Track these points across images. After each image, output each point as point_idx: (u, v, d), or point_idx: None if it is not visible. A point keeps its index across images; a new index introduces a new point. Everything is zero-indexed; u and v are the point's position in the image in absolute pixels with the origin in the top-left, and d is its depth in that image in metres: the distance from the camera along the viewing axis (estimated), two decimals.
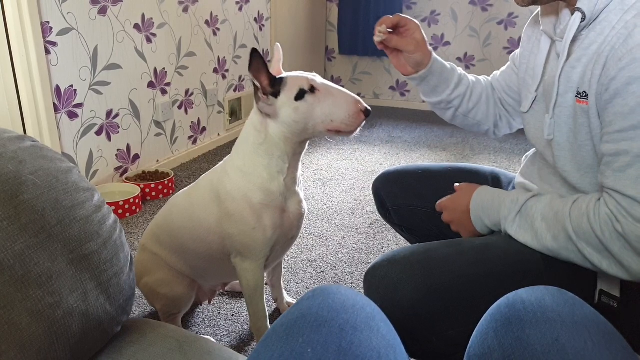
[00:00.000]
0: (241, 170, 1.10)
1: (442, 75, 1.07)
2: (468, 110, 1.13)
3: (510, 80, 1.09)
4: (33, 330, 0.57)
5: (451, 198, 0.98)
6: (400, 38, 1.02)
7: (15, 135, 0.67)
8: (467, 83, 1.11)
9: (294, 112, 1.03)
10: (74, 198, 0.66)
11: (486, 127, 1.16)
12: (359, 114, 1.03)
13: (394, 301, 0.78)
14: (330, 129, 1.04)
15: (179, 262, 1.25)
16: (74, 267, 0.63)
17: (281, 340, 0.51)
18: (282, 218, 1.12)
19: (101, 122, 2.27)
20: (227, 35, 3.16)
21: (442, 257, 0.82)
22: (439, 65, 1.06)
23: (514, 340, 0.53)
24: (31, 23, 1.85)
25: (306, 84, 1.03)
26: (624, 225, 0.69)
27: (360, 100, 1.03)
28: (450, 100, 1.11)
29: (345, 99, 1.03)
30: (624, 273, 0.71)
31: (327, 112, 1.03)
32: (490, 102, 1.14)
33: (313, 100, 1.03)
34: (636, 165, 0.68)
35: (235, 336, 1.37)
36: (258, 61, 1.01)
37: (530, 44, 0.97)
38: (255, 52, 0.99)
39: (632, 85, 0.67)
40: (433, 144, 3.33)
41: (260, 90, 1.04)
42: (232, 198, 1.11)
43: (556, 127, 0.83)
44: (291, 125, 1.05)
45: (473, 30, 4.13)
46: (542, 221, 0.79)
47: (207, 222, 1.16)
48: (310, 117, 1.03)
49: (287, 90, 1.03)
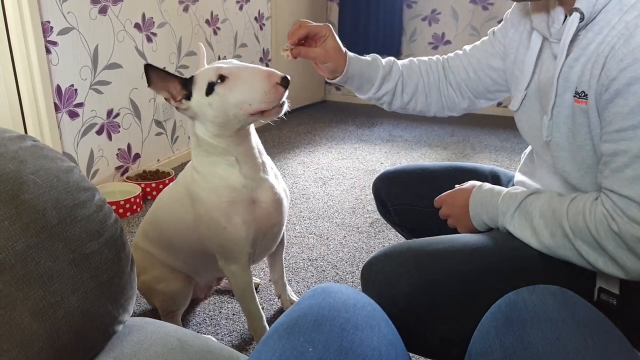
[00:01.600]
0: (198, 172, 1.08)
1: (363, 76, 1.05)
2: (404, 103, 1.11)
3: (493, 60, 1.04)
4: (34, 330, 0.57)
5: (450, 193, 0.98)
6: (308, 49, 1.00)
7: (16, 135, 0.67)
8: (396, 78, 1.08)
9: (209, 108, 0.98)
10: (75, 197, 0.66)
11: (431, 113, 1.14)
12: (276, 87, 0.95)
13: (390, 295, 0.78)
14: (252, 112, 0.98)
15: (170, 258, 1.25)
16: (75, 266, 0.63)
17: (282, 339, 0.51)
18: (253, 211, 1.08)
19: (102, 121, 2.27)
20: (227, 35, 3.16)
21: (438, 253, 0.82)
22: (356, 68, 1.04)
23: (515, 340, 0.53)
24: (32, 22, 1.85)
25: (213, 76, 0.97)
26: (620, 224, 0.69)
27: (273, 71, 0.96)
28: (378, 97, 1.10)
29: (256, 77, 0.96)
30: (619, 271, 0.71)
31: (241, 98, 0.96)
32: (430, 90, 1.11)
33: (224, 90, 0.97)
34: (634, 166, 0.68)
35: (236, 335, 1.37)
36: (157, 73, 0.97)
37: (518, 34, 0.95)
38: (149, 67, 0.95)
39: (633, 85, 0.67)
40: (434, 143, 3.33)
41: (172, 99, 1.00)
42: (199, 200, 1.09)
43: (555, 127, 0.83)
44: (213, 122, 1.00)
45: (474, 29, 4.12)
46: (540, 218, 0.79)
47: (185, 219, 1.14)
48: (227, 108, 0.98)
49: (197, 88, 0.99)
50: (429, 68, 1.12)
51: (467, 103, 1.12)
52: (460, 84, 1.10)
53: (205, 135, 1.03)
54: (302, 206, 2.26)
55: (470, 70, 1.08)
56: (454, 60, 1.11)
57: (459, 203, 0.95)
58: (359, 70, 1.05)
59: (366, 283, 0.83)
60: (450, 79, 1.11)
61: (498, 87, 1.06)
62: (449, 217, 0.98)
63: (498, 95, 1.09)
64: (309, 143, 3.27)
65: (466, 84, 1.09)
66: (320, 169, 2.78)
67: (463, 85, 1.10)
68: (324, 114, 4.14)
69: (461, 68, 1.09)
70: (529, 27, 0.92)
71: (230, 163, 1.05)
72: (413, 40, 4.31)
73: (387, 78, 1.08)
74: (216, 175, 1.06)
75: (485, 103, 1.12)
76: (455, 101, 1.12)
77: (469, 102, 1.11)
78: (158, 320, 0.80)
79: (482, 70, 1.06)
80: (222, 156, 1.05)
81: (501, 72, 1.03)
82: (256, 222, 1.09)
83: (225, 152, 1.04)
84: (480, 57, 1.06)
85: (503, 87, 1.05)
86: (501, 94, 1.08)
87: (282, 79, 0.95)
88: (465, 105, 1.12)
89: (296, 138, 3.38)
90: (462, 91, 1.10)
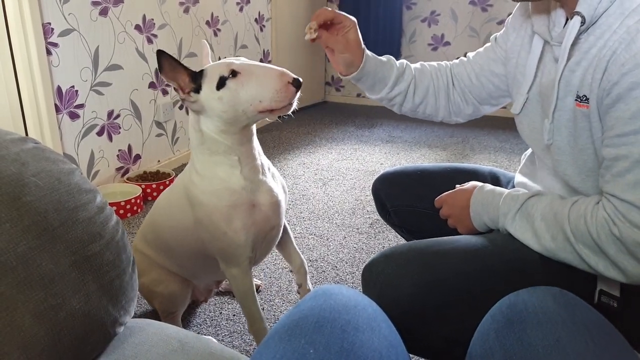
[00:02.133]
0: (199, 174, 1.07)
1: (377, 75, 1.05)
2: (415, 105, 1.11)
3: (495, 66, 1.04)
4: (35, 332, 0.57)
5: (451, 193, 0.99)
6: (330, 35, 1.00)
7: (17, 137, 0.67)
8: (408, 79, 1.08)
9: (219, 103, 0.98)
10: (76, 200, 0.67)
11: (439, 118, 1.14)
12: (287, 86, 0.95)
13: (391, 297, 0.78)
14: (262, 110, 0.98)
15: (167, 262, 1.25)
16: (76, 268, 0.63)
17: (283, 340, 0.51)
18: (253, 215, 1.08)
19: (102, 122, 2.27)
20: (227, 36, 3.16)
21: (439, 253, 0.82)
22: (372, 65, 1.04)
23: (516, 341, 0.53)
24: (32, 24, 1.85)
25: (226, 70, 0.97)
26: (621, 229, 0.69)
27: (286, 71, 0.97)
28: (390, 97, 1.09)
29: (269, 75, 0.96)
30: (620, 275, 0.71)
31: (252, 94, 0.96)
32: (439, 94, 1.11)
33: (236, 85, 0.96)
34: (635, 170, 0.68)
35: (236, 336, 1.37)
36: (169, 61, 0.96)
37: (520, 38, 0.95)
38: (161, 54, 0.94)
39: (634, 90, 0.67)
40: (433, 144, 3.33)
41: (180, 90, 1.00)
42: (199, 203, 1.07)
43: (556, 131, 0.83)
44: (221, 117, 0.99)
45: (473, 31, 4.12)
46: (542, 221, 0.79)
47: (184, 223, 1.13)
48: (237, 103, 0.97)
49: (207, 81, 0.98)
50: (438, 73, 1.12)
51: (472, 109, 1.12)
52: (465, 90, 1.11)
53: (211, 131, 1.02)
54: (302, 207, 2.26)
55: (473, 77, 1.08)
56: (458, 67, 1.12)
57: (460, 203, 0.95)
58: (374, 69, 1.05)
59: (367, 285, 0.83)
60: (456, 85, 1.12)
61: (501, 93, 1.07)
62: (450, 217, 0.98)
63: (502, 100, 1.10)
64: (309, 144, 3.27)
65: (470, 90, 1.10)
66: (320, 169, 2.78)
67: (467, 91, 1.10)
68: (324, 115, 4.14)
69: (464, 75, 1.10)
70: (530, 31, 0.92)
71: (233, 163, 1.05)
72: (412, 42, 4.31)
73: (401, 79, 1.08)
74: (217, 177, 1.05)
75: (489, 109, 1.13)
76: (460, 107, 1.13)
77: (474, 108, 1.12)
78: (159, 322, 0.80)
79: (485, 76, 1.06)
80: (225, 155, 1.04)
81: (503, 77, 1.03)
82: (255, 226, 1.09)
83: (229, 150, 1.04)
84: (483, 64, 1.06)
85: (506, 92, 1.06)
86: (505, 100, 1.09)
87: (294, 79, 0.96)
88: (470, 112, 1.13)
89: (296, 139, 3.38)
90: (466, 97, 1.11)
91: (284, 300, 1.55)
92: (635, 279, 0.70)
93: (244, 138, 1.05)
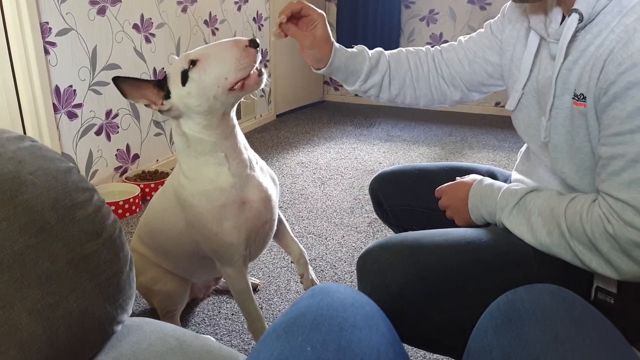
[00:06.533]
0: (187, 176, 1.07)
1: (348, 68, 1.04)
2: (392, 95, 1.10)
3: (490, 54, 1.03)
4: (32, 330, 0.57)
5: (451, 185, 0.99)
6: (297, 30, 0.99)
7: (14, 135, 0.67)
8: (383, 70, 1.07)
9: (190, 98, 0.98)
10: (73, 198, 0.66)
11: (420, 105, 1.13)
12: (245, 50, 0.94)
13: (383, 285, 0.78)
14: (231, 87, 0.97)
15: (164, 261, 1.25)
16: (73, 267, 0.63)
17: (280, 338, 0.51)
18: (244, 213, 1.07)
19: (101, 122, 2.27)
20: (226, 35, 3.16)
21: (433, 244, 0.83)
22: (341, 60, 1.03)
23: (513, 338, 0.53)
24: (30, 23, 1.84)
25: (185, 63, 0.97)
26: (615, 227, 0.69)
27: (238, 38, 0.96)
28: (364, 90, 1.08)
29: (224, 48, 0.96)
30: (613, 272, 0.71)
31: (216, 74, 0.95)
32: (419, 84, 1.09)
33: (198, 74, 0.96)
34: (630, 170, 0.69)
35: (235, 335, 1.37)
36: (129, 83, 0.97)
37: (515, 31, 0.94)
38: (117, 79, 0.95)
39: (631, 89, 0.67)
40: (432, 143, 3.33)
41: (152, 104, 1.00)
42: (189, 205, 1.07)
43: (553, 129, 0.83)
44: (197, 111, 0.99)
45: (472, 29, 4.12)
46: (539, 216, 0.80)
47: (177, 226, 1.13)
48: (206, 90, 0.96)
49: (172, 82, 0.99)
50: (417, 61, 1.10)
51: (460, 95, 1.10)
52: (454, 77, 1.08)
53: (194, 131, 1.02)
54: (300, 206, 2.26)
55: (466, 63, 1.06)
56: (449, 52, 1.09)
57: (459, 195, 0.95)
58: (344, 63, 1.03)
59: (361, 273, 0.84)
60: (443, 71, 1.09)
61: (493, 82, 1.06)
62: (448, 208, 0.98)
63: (492, 89, 1.08)
64: (307, 143, 3.27)
65: (460, 76, 1.08)
66: (319, 169, 2.78)
67: (457, 77, 1.08)
68: (322, 114, 4.14)
69: (456, 60, 1.08)
70: (526, 25, 0.91)
71: (220, 161, 1.04)
72: (411, 41, 4.31)
73: (374, 71, 1.07)
74: (205, 178, 1.05)
75: (477, 96, 1.11)
76: (446, 93, 1.11)
77: (462, 94, 1.10)
78: (157, 320, 0.80)
79: (478, 63, 1.05)
80: (211, 154, 1.04)
81: (497, 66, 1.03)
82: (247, 224, 1.08)
83: (215, 147, 1.03)
84: (477, 50, 1.05)
85: (498, 81, 1.05)
86: (494, 88, 1.08)
87: (249, 41, 0.95)
88: (457, 98, 1.11)
89: (294, 138, 3.38)
90: (455, 83, 1.09)
91: (283, 299, 1.55)
92: (627, 276, 0.71)
93: (227, 130, 1.04)
